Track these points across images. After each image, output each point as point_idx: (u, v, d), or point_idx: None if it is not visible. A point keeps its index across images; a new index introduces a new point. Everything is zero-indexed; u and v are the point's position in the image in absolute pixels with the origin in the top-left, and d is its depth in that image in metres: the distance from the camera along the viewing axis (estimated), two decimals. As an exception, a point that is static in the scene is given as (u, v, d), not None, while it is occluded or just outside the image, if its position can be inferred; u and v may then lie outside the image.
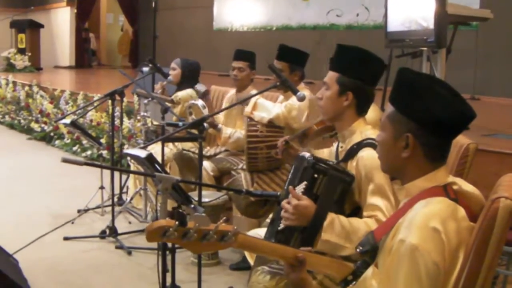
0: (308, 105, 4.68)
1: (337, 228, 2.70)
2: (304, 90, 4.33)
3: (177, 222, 1.93)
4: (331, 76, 3.05)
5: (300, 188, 2.77)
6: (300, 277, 2.21)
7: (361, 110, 3.05)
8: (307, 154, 2.87)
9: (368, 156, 2.81)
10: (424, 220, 1.93)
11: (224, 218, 2.10)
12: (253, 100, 4.73)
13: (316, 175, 2.74)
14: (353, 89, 2.99)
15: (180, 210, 1.99)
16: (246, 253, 3.44)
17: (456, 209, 2.00)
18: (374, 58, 3.06)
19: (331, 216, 2.70)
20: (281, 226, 2.79)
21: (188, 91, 6.04)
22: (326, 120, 3.21)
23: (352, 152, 2.96)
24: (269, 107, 4.73)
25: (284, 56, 4.88)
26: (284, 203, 2.74)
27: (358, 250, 2.18)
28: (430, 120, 2.04)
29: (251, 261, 3.31)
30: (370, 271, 2.15)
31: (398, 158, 2.10)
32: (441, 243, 1.91)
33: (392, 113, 2.11)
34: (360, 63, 3.01)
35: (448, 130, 2.08)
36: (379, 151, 2.22)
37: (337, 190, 2.78)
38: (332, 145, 3.33)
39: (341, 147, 3.11)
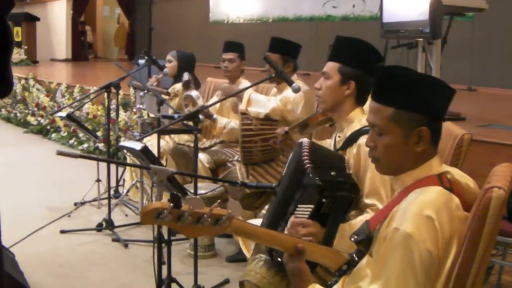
0: (303, 97, 4.69)
1: (346, 243, 2.67)
2: (297, 82, 4.33)
3: (171, 204, 1.93)
4: (331, 66, 3.06)
5: (306, 210, 2.66)
6: (299, 267, 2.20)
7: (361, 100, 3.07)
8: (305, 141, 2.85)
9: None
10: (418, 209, 1.94)
11: (218, 201, 2.09)
12: (246, 96, 4.73)
13: (324, 200, 2.61)
14: (355, 79, 3.01)
15: (175, 193, 1.98)
16: (241, 244, 3.42)
17: (450, 198, 2.00)
18: (373, 49, 3.08)
19: (339, 233, 2.64)
20: None
21: (187, 83, 6.05)
22: (323, 109, 3.21)
23: (351, 140, 2.97)
24: (263, 101, 4.73)
25: (277, 48, 4.89)
26: (290, 228, 2.59)
27: (352, 239, 2.18)
28: (437, 108, 2.09)
29: (246, 253, 3.30)
30: (364, 260, 2.16)
31: (410, 154, 2.10)
32: (434, 231, 1.91)
33: (395, 114, 2.08)
34: (361, 54, 3.04)
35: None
36: (385, 156, 2.15)
37: (346, 208, 2.71)
38: (331, 136, 3.33)
39: (339, 136, 3.12)
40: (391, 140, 2.11)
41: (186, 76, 5.66)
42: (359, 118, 3.02)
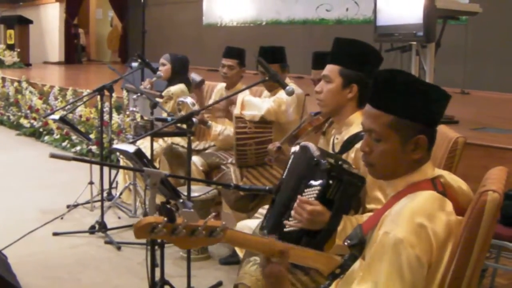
0: (296, 98, 4.69)
1: (349, 232, 2.66)
2: (290, 85, 4.33)
3: (165, 219, 1.92)
4: (332, 69, 3.04)
5: (313, 192, 2.67)
6: (279, 270, 2.16)
7: (362, 103, 3.02)
8: (311, 146, 2.82)
9: None
10: (410, 215, 1.92)
11: (213, 214, 2.09)
12: (239, 100, 4.72)
13: (331, 182, 2.62)
14: (357, 81, 2.99)
15: (168, 206, 1.97)
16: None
17: (443, 203, 1.99)
18: (374, 51, 3.07)
19: (344, 221, 2.63)
20: (288, 228, 2.70)
21: (181, 86, 6.04)
22: (324, 113, 3.19)
23: (350, 144, 2.95)
24: (257, 103, 4.73)
25: (273, 58, 4.85)
26: (297, 206, 2.64)
27: (346, 243, 2.17)
28: (434, 116, 2.08)
29: (240, 254, 3.30)
30: (357, 264, 2.15)
31: (406, 161, 2.08)
32: (427, 239, 1.90)
33: (393, 120, 2.05)
34: (362, 56, 3.02)
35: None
36: (380, 162, 2.12)
37: (352, 196, 2.70)
38: (318, 142, 3.32)
39: (337, 138, 3.10)
40: (388, 147, 2.08)
41: (197, 77, 5.64)
42: (358, 122, 2.97)
